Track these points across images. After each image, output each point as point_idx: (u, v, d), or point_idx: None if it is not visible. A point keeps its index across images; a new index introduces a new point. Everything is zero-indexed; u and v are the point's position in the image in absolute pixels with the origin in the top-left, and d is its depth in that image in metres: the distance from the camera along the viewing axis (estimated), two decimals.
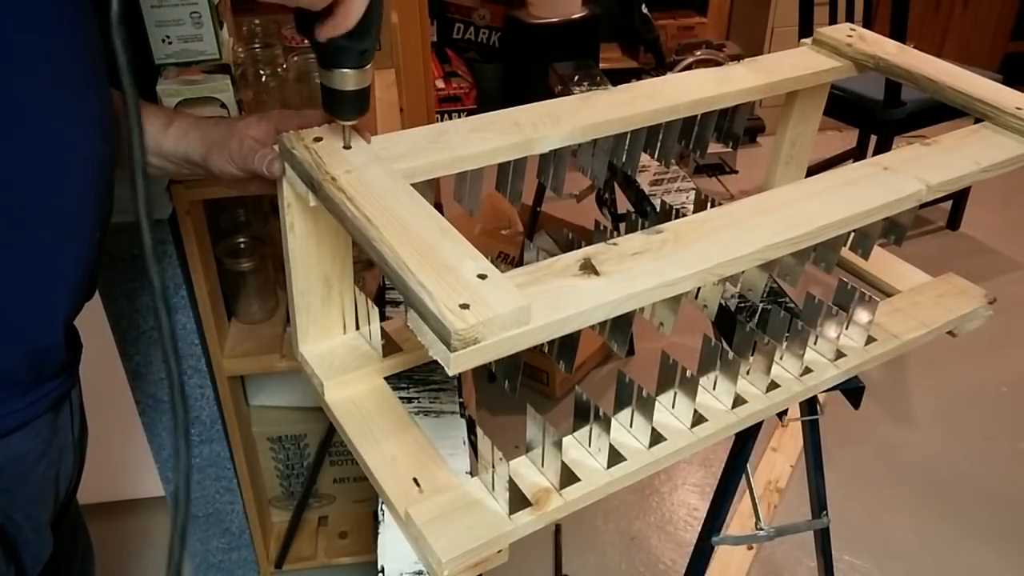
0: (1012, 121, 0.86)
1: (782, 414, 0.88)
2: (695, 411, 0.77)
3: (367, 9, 0.65)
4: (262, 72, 1.26)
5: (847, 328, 0.88)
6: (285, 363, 1.36)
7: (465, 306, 0.55)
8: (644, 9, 3.08)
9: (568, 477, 0.71)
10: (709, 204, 1.00)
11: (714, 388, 0.81)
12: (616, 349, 0.74)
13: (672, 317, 0.75)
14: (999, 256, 2.78)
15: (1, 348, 0.70)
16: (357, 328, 0.86)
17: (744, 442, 1.03)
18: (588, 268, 0.64)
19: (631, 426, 0.76)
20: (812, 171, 0.82)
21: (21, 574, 0.79)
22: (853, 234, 0.90)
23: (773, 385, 0.82)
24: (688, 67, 2.95)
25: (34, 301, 0.72)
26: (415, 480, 0.71)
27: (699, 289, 0.90)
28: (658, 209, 1.10)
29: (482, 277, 0.58)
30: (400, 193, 0.66)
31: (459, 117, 0.89)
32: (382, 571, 0.68)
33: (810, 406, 1.01)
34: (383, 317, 0.91)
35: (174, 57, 1.17)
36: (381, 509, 0.72)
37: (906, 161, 0.81)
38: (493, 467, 0.68)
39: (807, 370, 0.85)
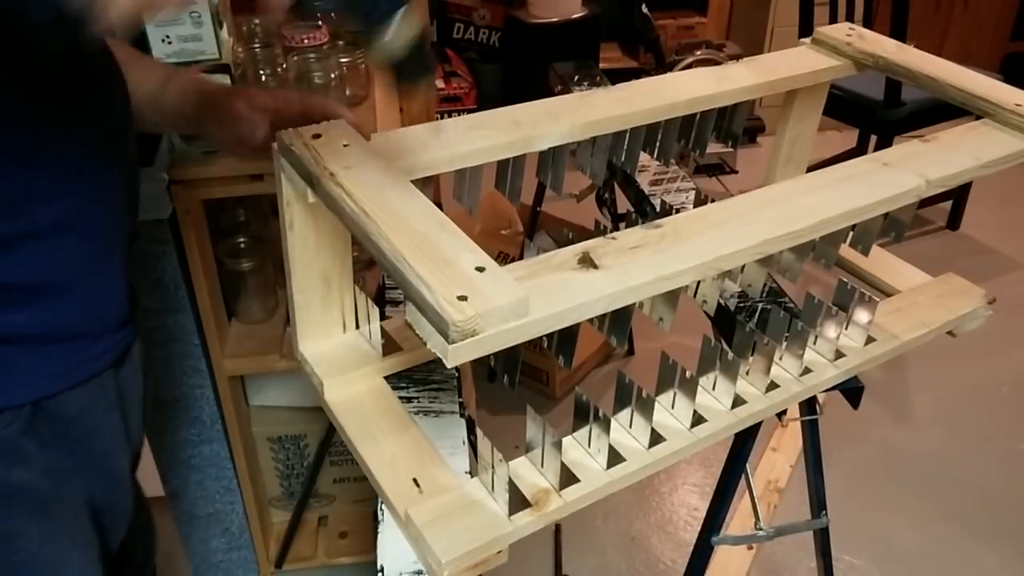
0: (1012, 118, 0.86)
1: (782, 414, 0.87)
2: (695, 411, 0.77)
3: None
4: (262, 72, 1.26)
5: (847, 328, 0.88)
6: (285, 363, 1.36)
7: (463, 298, 0.54)
8: (644, 9, 3.08)
9: (568, 478, 0.71)
10: (709, 204, 1.00)
11: (714, 388, 0.81)
12: (615, 344, 0.74)
13: (671, 313, 0.75)
14: (999, 256, 2.78)
15: (67, 302, 0.73)
16: (357, 327, 0.85)
17: (744, 442, 1.03)
18: (587, 262, 0.64)
19: (631, 426, 0.76)
20: (812, 171, 0.82)
21: (105, 542, 0.83)
22: (853, 231, 0.90)
23: (772, 385, 0.82)
24: (688, 67, 2.94)
25: (99, 260, 0.76)
26: (415, 480, 0.71)
27: (698, 285, 0.90)
28: (658, 209, 1.10)
29: (480, 270, 0.57)
30: (398, 188, 0.66)
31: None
32: (382, 571, 0.68)
33: (809, 406, 1.01)
34: (383, 316, 0.91)
35: (174, 57, 1.17)
36: (381, 509, 0.72)
37: (905, 157, 0.81)
38: (493, 468, 0.68)
39: (807, 370, 0.85)
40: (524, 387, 2.18)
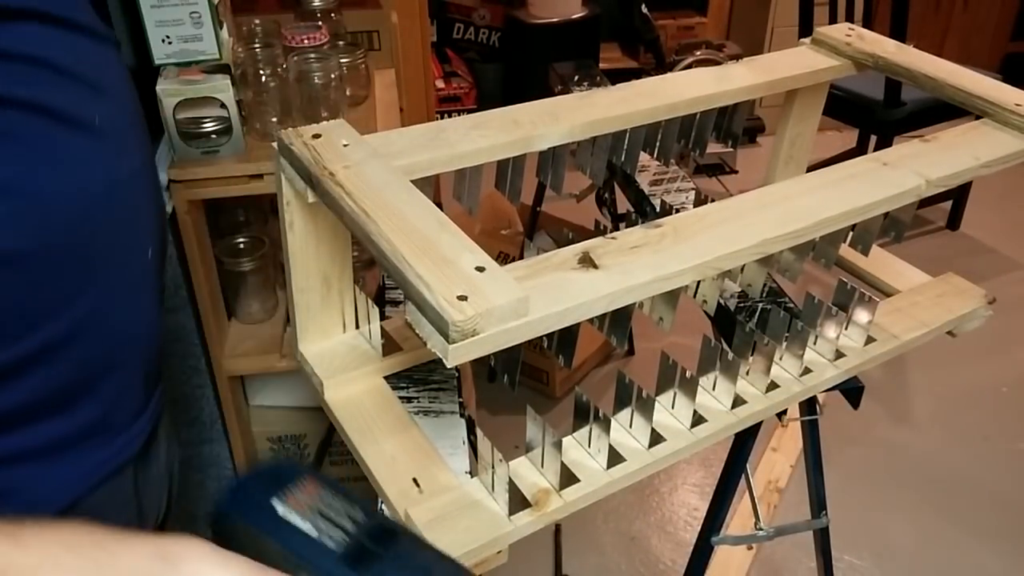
0: (1011, 117, 0.86)
1: (782, 414, 0.87)
2: (695, 411, 0.77)
3: None
4: (262, 72, 1.26)
5: (846, 328, 0.88)
6: (285, 363, 1.36)
7: (463, 298, 0.54)
8: (644, 9, 3.08)
9: (568, 478, 0.71)
10: (709, 204, 1.00)
11: (714, 388, 0.81)
12: (615, 344, 0.74)
13: (671, 312, 0.75)
14: (999, 256, 2.78)
15: (83, 405, 0.64)
16: (357, 327, 0.85)
17: (744, 442, 1.03)
18: (587, 261, 0.64)
19: (631, 426, 0.76)
20: (812, 171, 0.82)
21: None
22: (853, 231, 0.90)
23: (772, 385, 0.82)
24: (688, 67, 2.94)
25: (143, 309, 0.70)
26: (415, 480, 0.71)
27: (698, 285, 0.90)
28: (658, 209, 1.10)
29: (480, 269, 0.57)
30: (398, 188, 0.66)
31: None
32: None
33: (810, 406, 1.01)
34: (383, 316, 0.91)
35: (174, 57, 1.17)
36: (381, 509, 0.72)
37: (905, 157, 0.81)
38: (493, 468, 0.68)
39: (806, 370, 0.85)
40: (524, 387, 2.18)
